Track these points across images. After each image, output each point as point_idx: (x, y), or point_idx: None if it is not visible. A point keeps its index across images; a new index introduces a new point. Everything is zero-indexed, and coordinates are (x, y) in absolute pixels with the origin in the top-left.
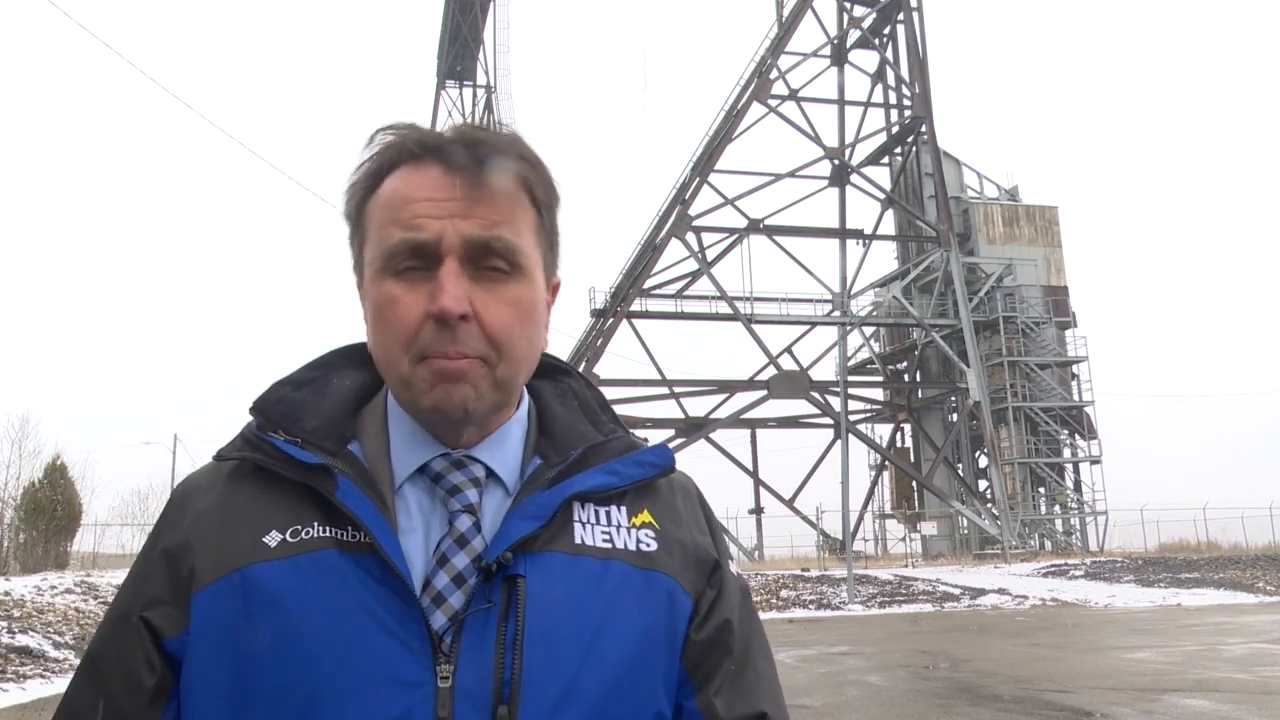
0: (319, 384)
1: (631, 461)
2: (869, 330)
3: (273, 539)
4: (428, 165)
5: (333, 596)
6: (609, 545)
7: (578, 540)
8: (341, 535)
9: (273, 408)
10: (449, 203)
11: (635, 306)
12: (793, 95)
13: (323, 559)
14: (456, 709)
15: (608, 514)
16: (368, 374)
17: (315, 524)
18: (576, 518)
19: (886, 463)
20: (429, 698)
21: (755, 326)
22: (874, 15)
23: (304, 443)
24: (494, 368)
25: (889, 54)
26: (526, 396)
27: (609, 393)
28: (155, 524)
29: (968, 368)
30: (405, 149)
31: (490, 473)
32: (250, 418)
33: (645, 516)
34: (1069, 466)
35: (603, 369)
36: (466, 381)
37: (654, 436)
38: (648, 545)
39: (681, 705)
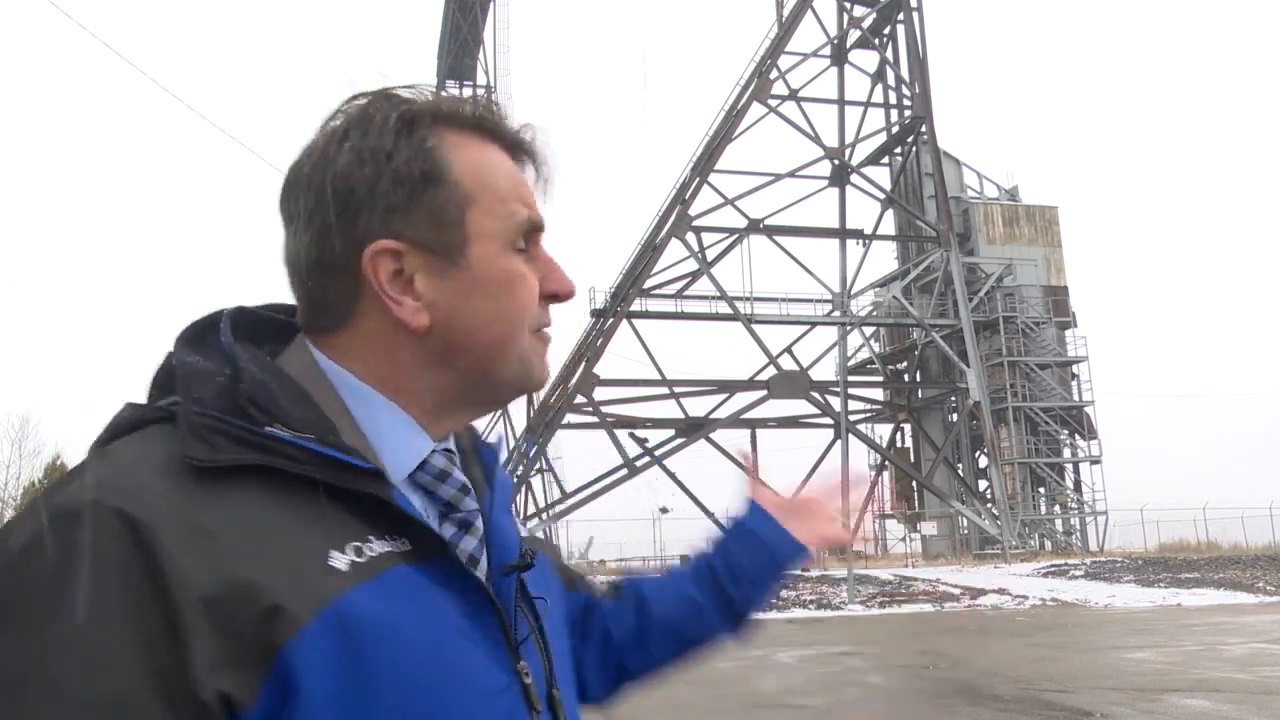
0: (247, 359)
1: (486, 443)
2: (869, 330)
3: (340, 561)
4: (496, 146)
5: (424, 616)
6: (527, 534)
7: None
8: (396, 547)
9: (261, 393)
10: (530, 190)
11: (635, 306)
12: (793, 95)
13: (400, 576)
14: (543, 703)
15: None
16: (258, 348)
17: (370, 537)
18: None
19: (886, 463)
20: (520, 698)
21: (755, 326)
22: (874, 15)
23: (317, 439)
24: None
25: (889, 54)
26: None
27: (609, 393)
28: (110, 571)
29: (968, 368)
30: (484, 121)
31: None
32: (174, 402)
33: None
34: (1069, 466)
35: (603, 369)
36: None
37: (654, 436)
38: (523, 530)
39: None
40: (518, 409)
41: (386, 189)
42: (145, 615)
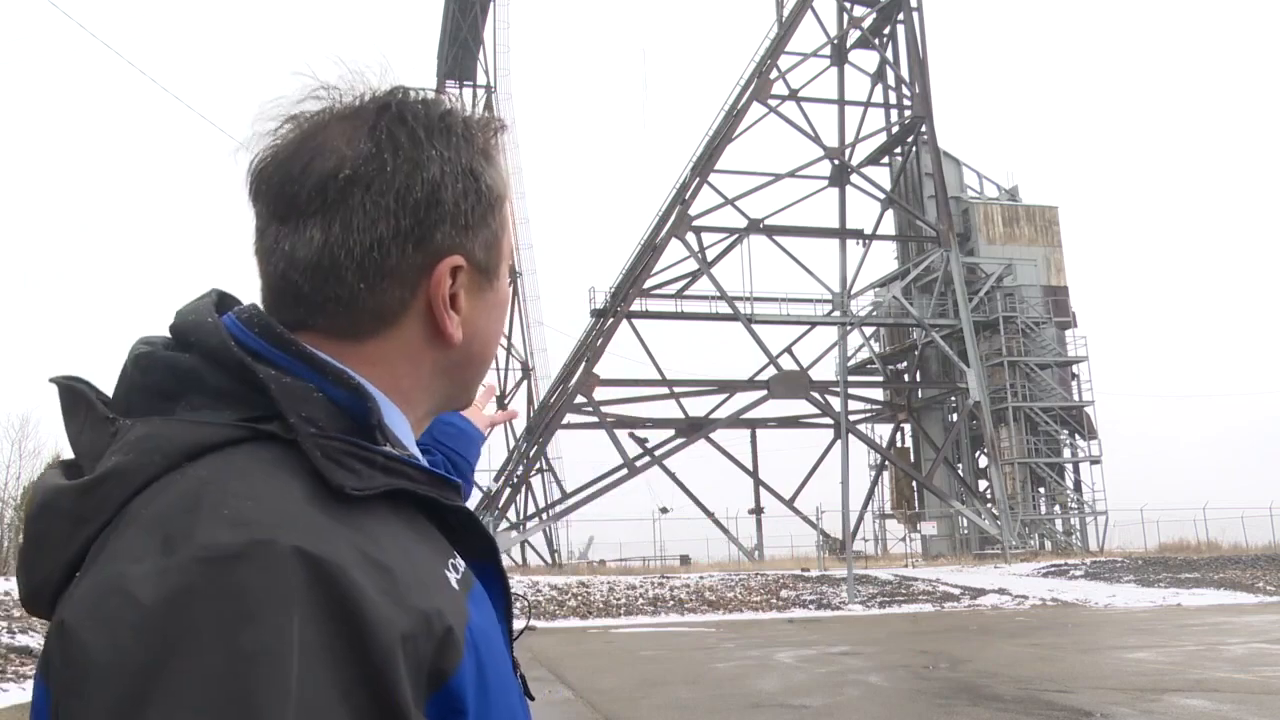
0: (333, 374)
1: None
2: (869, 330)
3: (452, 578)
4: None
5: (492, 621)
6: None
7: None
8: (459, 560)
9: (376, 412)
10: None
11: (635, 306)
12: (793, 95)
13: (478, 588)
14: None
15: None
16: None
17: (456, 552)
18: None
19: (886, 463)
20: (520, 686)
21: (755, 326)
22: (874, 15)
23: (407, 454)
24: None
25: (889, 54)
26: None
27: (609, 393)
28: (318, 611)
29: (968, 368)
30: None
31: None
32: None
33: None
34: (1069, 466)
35: (603, 369)
36: None
37: (654, 436)
38: None
39: None
40: (518, 409)
41: (470, 206)
42: (355, 663)
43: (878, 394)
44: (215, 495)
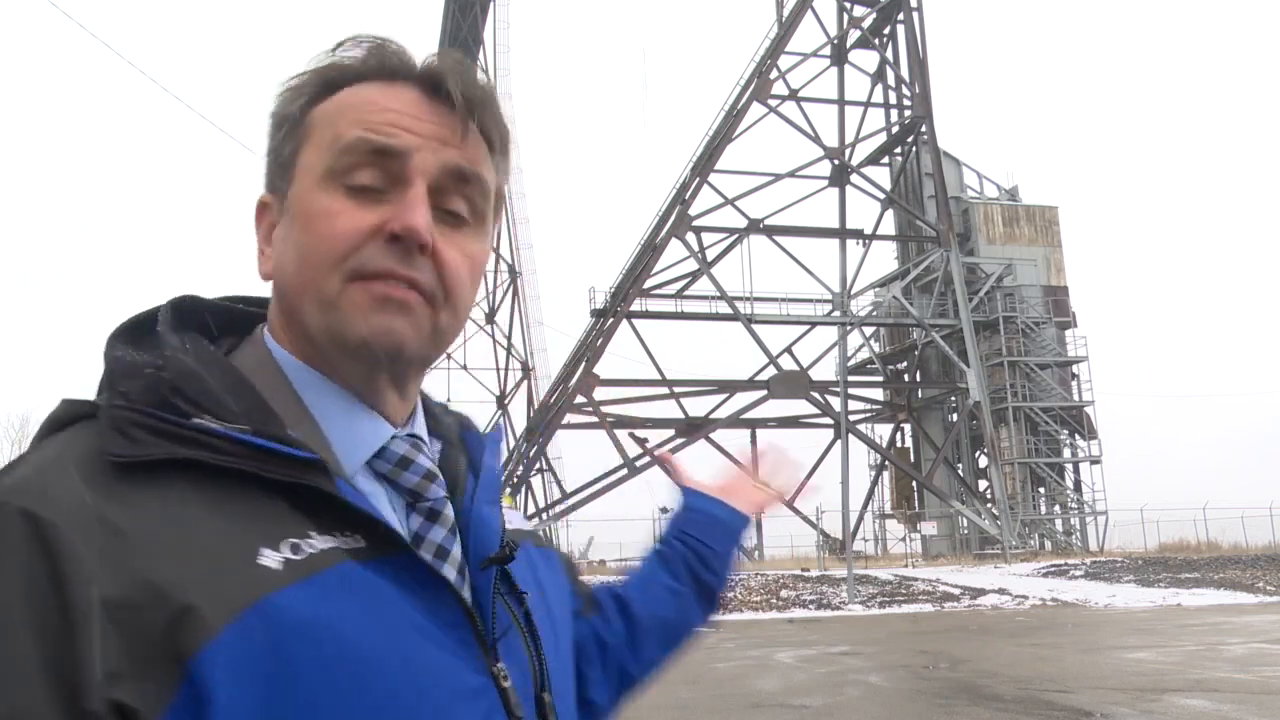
0: (188, 351)
1: (489, 439)
2: (869, 330)
3: (272, 559)
4: (403, 86)
5: (374, 616)
6: (518, 527)
7: (507, 523)
8: (344, 543)
9: (189, 384)
10: (429, 125)
11: (635, 306)
12: (793, 95)
13: (346, 574)
14: (524, 707)
15: None
16: (203, 338)
17: (311, 533)
18: None
19: (886, 463)
20: (498, 701)
21: (755, 326)
22: (874, 15)
23: (253, 431)
24: (438, 311)
25: (889, 54)
26: None
27: (609, 393)
28: (24, 566)
29: (968, 368)
30: (380, 63)
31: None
32: (106, 397)
33: (505, 496)
34: (1069, 466)
35: (603, 369)
36: (410, 316)
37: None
38: (526, 525)
39: None
40: (518, 409)
41: (276, 135)
42: (45, 622)
43: (878, 394)
44: (16, 464)
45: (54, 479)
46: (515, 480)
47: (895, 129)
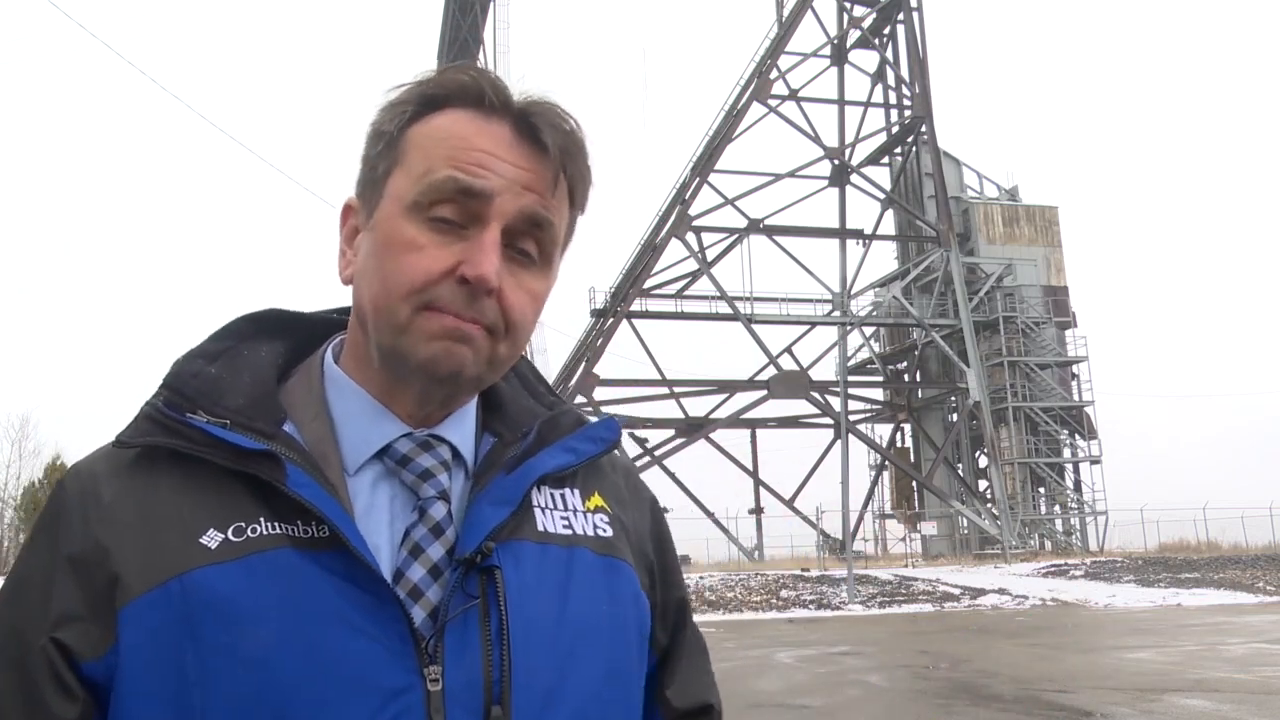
0: (231, 356)
1: (584, 437)
2: (869, 330)
3: (211, 539)
4: (499, 122)
5: (294, 600)
6: (570, 532)
7: (540, 528)
8: (294, 531)
9: (189, 383)
10: (514, 169)
11: (635, 306)
12: (793, 95)
13: (277, 559)
14: (449, 713)
15: (563, 497)
16: (282, 344)
17: (261, 519)
18: (535, 503)
19: (886, 463)
20: (419, 703)
21: (755, 326)
22: (874, 15)
23: (232, 424)
24: (498, 342)
25: (889, 54)
26: None
27: (609, 393)
28: (42, 522)
29: (968, 368)
30: (480, 95)
31: (455, 454)
32: (154, 395)
33: (597, 499)
34: (1069, 466)
35: (603, 369)
36: (471, 345)
37: (654, 436)
38: (604, 531)
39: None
40: None
41: (373, 149)
42: (43, 562)
43: (878, 394)
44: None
45: (96, 459)
46: None
47: (895, 129)
